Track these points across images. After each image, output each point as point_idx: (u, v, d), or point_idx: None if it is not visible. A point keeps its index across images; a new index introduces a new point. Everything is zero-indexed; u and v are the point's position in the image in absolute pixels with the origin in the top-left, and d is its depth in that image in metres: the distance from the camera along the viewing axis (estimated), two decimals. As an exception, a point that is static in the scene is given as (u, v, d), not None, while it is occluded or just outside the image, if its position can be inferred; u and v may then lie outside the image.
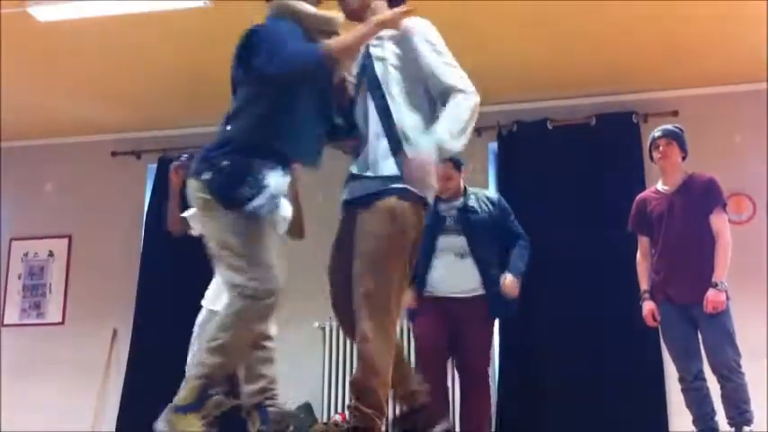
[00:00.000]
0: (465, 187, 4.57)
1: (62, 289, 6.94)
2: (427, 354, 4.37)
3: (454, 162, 4.46)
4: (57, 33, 5.31)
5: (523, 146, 6.29)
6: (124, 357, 6.49)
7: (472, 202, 4.49)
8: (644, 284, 4.49)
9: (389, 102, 2.73)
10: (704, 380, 4.25)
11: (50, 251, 7.05)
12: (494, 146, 6.43)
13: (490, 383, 4.43)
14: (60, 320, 6.87)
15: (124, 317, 6.58)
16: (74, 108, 6.61)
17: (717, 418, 4.23)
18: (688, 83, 6.08)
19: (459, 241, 4.41)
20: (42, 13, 5.04)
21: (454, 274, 4.37)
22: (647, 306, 4.42)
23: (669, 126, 4.57)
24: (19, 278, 7.07)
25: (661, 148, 4.47)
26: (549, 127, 6.31)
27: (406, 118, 2.73)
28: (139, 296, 6.58)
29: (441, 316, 4.35)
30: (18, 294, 7.04)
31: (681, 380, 4.32)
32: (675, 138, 4.47)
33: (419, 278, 4.37)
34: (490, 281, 4.35)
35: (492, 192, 4.59)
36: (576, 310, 5.79)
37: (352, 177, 2.80)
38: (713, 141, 5.86)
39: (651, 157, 4.57)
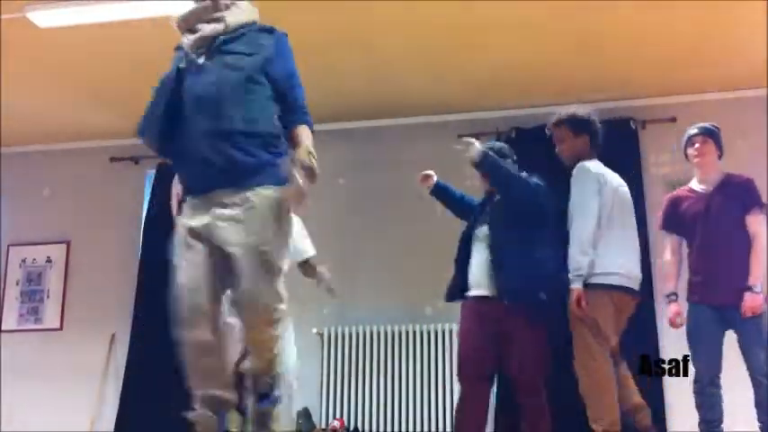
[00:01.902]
0: None
1: (60, 295, 6.94)
2: (467, 366, 3.98)
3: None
4: (56, 39, 5.31)
5: (522, 152, 6.25)
6: (122, 362, 6.49)
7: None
8: (671, 285, 4.39)
9: None
10: (719, 387, 4.15)
11: (48, 257, 7.04)
12: (492, 152, 6.44)
13: (543, 398, 3.94)
14: (58, 326, 6.87)
15: (122, 322, 6.58)
16: (73, 114, 6.62)
17: (723, 426, 4.14)
18: (686, 89, 6.10)
19: (486, 230, 4.01)
20: (42, 20, 5.04)
21: (485, 269, 3.93)
22: (673, 308, 4.34)
23: (705, 124, 4.44)
24: (17, 284, 7.07)
25: (697, 145, 4.36)
26: (548, 133, 6.31)
27: None
28: (137, 301, 6.58)
29: (481, 320, 3.92)
30: (16, 300, 7.04)
31: (696, 381, 4.19)
32: (711, 135, 4.37)
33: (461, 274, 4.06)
34: (501, 271, 3.83)
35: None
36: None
37: None
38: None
39: (686, 155, 4.44)
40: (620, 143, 6.13)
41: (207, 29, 2.85)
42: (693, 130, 4.42)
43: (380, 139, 6.66)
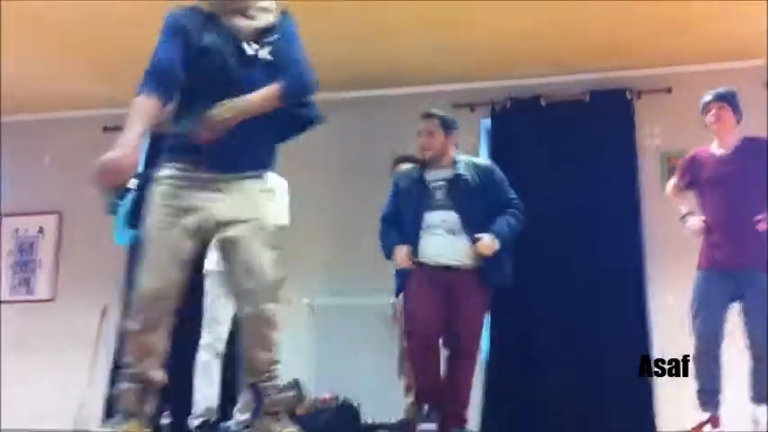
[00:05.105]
0: (455, 157, 4.33)
1: (52, 265, 6.92)
2: (422, 331, 4.13)
3: (441, 119, 4.29)
4: (48, 3, 5.23)
5: (517, 123, 6.24)
6: (114, 334, 6.46)
7: (462, 170, 4.24)
8: (683, 207, 4.39)
9: None
10: (719, 357, 4.09)
11: (40, 227, 7.01)
12: (487, 122, 6.39)
13: (477, 358, 4.34)
14: (51, 297, 6.86)
15: (114, 294, 6.55)
16: (65, 82, 6.55)
17: (720, 398, 4.10)
18: (683, 59, 6.03)
19: (450, 217, 4.18)
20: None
21: (445, 246, 4.14)
22: (691, 220, 4.30)
23: (721, 89, 4.38)
24: (9, 254, 7.04)
25: (713, 111, 4.32)
26: (543, 104, 6.27)
27: None
28: (129, 273, 6.55)
29: (434, 287, 4.11)
30: (9, 270, 7.01)
31: (695, 348, 4.14)
32: (726, 100, 4.32)
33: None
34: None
35: (484, 159, 4.36)
36: (568, 294, 5.73)
37: None
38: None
39: (705, 122, 4.38)
40: (615, 113, 6.12)
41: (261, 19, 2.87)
42: (708, 97, 4.35)
43: (376, 108, 6.60)
